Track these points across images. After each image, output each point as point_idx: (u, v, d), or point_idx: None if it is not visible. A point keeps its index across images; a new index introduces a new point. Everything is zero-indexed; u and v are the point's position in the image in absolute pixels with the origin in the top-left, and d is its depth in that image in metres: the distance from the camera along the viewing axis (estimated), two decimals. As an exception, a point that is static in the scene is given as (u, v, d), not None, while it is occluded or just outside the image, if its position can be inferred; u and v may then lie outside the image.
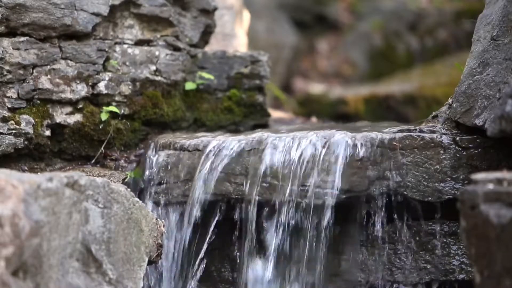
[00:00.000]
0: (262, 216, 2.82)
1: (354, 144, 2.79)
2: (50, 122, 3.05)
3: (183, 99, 3.33)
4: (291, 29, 7.11)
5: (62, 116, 3.08)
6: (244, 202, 2.83)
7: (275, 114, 4.03)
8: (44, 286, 2.17)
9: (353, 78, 7.16)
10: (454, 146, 2.80)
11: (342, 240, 2.85)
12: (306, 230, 2.77)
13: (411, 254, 2.81)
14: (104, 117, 3.11)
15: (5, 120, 2.95)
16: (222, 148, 2.89)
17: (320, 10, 7.65)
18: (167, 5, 3.27)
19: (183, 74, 3.31)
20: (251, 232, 2.82)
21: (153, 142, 3.08)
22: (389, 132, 2.85)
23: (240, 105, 3.38)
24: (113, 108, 3.13)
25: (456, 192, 2.74)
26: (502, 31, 2.81)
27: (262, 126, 3.40)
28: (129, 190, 2.50)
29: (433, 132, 2.84)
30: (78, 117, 3.10)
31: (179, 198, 2.92)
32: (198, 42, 3.38)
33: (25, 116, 2.99)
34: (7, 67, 2.97)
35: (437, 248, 2.80)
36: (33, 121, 2.99)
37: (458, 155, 2.79)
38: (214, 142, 2.92)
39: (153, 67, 3.23)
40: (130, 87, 3.18)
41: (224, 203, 2.87)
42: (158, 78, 3.24)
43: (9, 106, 2.98)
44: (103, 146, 3.14)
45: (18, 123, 2.97)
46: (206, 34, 3.43)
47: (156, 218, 2.58)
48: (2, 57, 2.95)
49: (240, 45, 4.43)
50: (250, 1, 5.95)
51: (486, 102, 2.76)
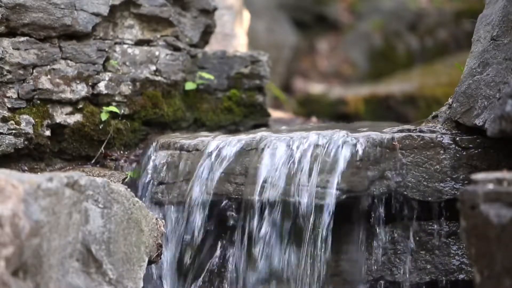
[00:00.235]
0: (262, 215, 2.82)
1: (354, 144, 2.79)
2: (50, 122, 3.05)
3: (183, 99, 3.33)
4: (291, 29, 7.11)
5: (62, 116, 3.08)
6: (244, 202, 2.83)
7: (275, 114, 4.03)
8: (44, 286, 2.16)
9: (353, 78, 7.15)
10: (454, 146, 2.80)
11: (342, 240, 2.85)
12: (306, 230, 2.77)
13: (411, 254, 2.81)
14: (104, 117, 3.11)
15: (5, 120, 2.95)
16: (222, 148, 2.89)
17: (320, 10, 7.64)
18: (167, 5, 3.27)
19: (183, 74, 3.31)
20: (251, 232, 2.82)
21: (153, 142, 3.08)
22: (389, 132, 2.85)
23: (240, 105, 3.38)
24: (113, 108, 3.13)
25: (456, 192, 2.74)
26: (502, 31, 2.81)
27: (262, 126, 3.40)
28: (129, 190, 2.50)
29: (433, 132, 2.84)
30: (78, 117, 3.10)
31: (179, 198, 2.91)
32: (198, 42, 3.38)
33: (25, 116, 2.99)
34: (7, 67, 2.97)
35: (437, 248, 2.80)
36: (33, 121, 2.99)
37: (458, 155, 2.79)
38: (214, 142, 2.92)
39: (153, 67, 3.23)
40: (130, 87, 3.18)
41: (224, 203, 2.87)
42: (158, 78, 3.24)
43: (9, 106, 2.98)
44: (103, 146, 3.14)
45: (18, 123, 2.96)
46: (206, 34, 3.43)
47: (156, 218, 2.57)
48: (2, 57, 2.95)
49: (240, 45, 4.43)
50: (250, 1, 5.95)
51: (486, 102, 2.76)
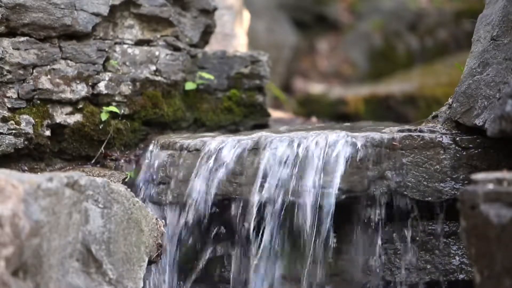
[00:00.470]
0: (262, 215, 2.82)
1: (354, 144, 2.79)
2: (50, 122, 3.05)
3: (183, 99, 3.33)
4: (291, 29, 7.11)
5: (62, 116, 3.08)
6: (243, 202, 2.83)
7: (275, 114, 4.03)
8: (44, 286, 2.16)
9: (353, 78, 7.15)
10: (454, 146, 2.80)
11: (342, 240, 2.85)
12: (306, 230, 2.77)
13: (411, 254, 2.81)
14: (104, 117, 3.11)
15: (5, 120, 2.95)
16: (222, 148, 2.89)
17: (320, 10, 7.64)
18: (167, 5, 3.27)
19: (183, 74, 3.31)
20: (251, 231, 2.82)
21: (153, 142, 3.08)
22: (389, 132, 2.85)
23: (240, 105, 3.38)
24: (113, 108, 3.13)
25: (456, 192, 2.74)
26: (502, 31, 2.81)
27: (262, 126, 3.40)
28: (129, 190, 2.50)
29: (433, 132, 2.84)
30: (78, 117, 3.10)
31: (179, 198, 2.91)
32: (198, 42, 3.38)
33: (25, 116, 2.99)
34: (7, 67, 2.97)
35: (437, 248, 2.80)
36: (33, 121, 2.99)
37: (458, 155, 2.79)
38: (214, 142, 2.92)
39: (153, 67, 3.23)
40: (130, 87, 3.18)
41: (224, 203, 2.87)
42: (158, 78, 3.24)
43: (9, 106, 2.98)
44: (103, 146, 3.14)
45: (18, 123, 2.96)
46: (206, 34, 3.43)
47: (156, 218, 2.58)
48: (2, 57, 2.95)
49: (240, 45, 4.43)
50: (250, 1, 5.95)
51: (486, 102, 2.76)
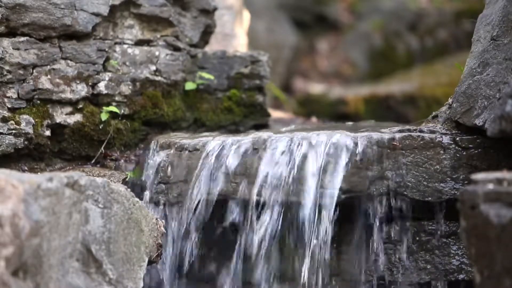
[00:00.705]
0: (262, 216, 2.82)
1: (355, 144, 2.79)
2: (50, 122, 3.05)
3: (183, 99, 3.33)
4: (291, 29, 7.11)
5: (62, 116, 3.08)
6: (244, 202, 2.83)
7: (275, 114, 4.03)
8: (44, 286, 2.16)
9: (353, 78, 7.15)
10: (454, 146, 2.80)
11: (342, 240, 2.85)
12: (306, 230, 2.77)
13: (411, 254, 2.81)
14: (104, 117, 3.11)
15: (5, 120, 2.95)
16: (222, 148, 2.89)
17: (320, 10, 7.64)
18: (167, 5, 3.27)
19: (183, 74, 3.31)
20: (251, 232, 2.82)
21: (153, 142, 3.08)
22: (389, 132, 2.85)
23: (240, 105, 3.38)
24: (113, 108, 3.13)
25: (456, 192, 2.74)
26: (502, 31, 2.81)
27: (262, 126, 3.40)
28: (129, 190, 2.50)
29: (433, 132, 2.84)
30: (78, 117, 3.10)
31: (179, 198, 2.91)
32: (198, 42, 3.38)
33: (25, 116, 2.99)
34: (7, 67, 2.97)
35: (437, 248, 2.80)
36: (33, 121, 2.99)
37: (458, 155, 2.79)
38: (214, 142, 2.92)
39: (153, 67, 3.23)
40: (130, 87, 3.18)
41: (224, 203, 2.87)
42: (158, 78, 3.24)
43: (9, 106, 2.98)
44: (103, 146, 3.14)
45: (18, 123, 2.96)
46: (206, 34, 3.43)
47: (156, 218, 2.58)
48: (2, 57, 2.95)
49: (240, 45, 4.43)
50: (250, 1, 5.95)
51: (486, 102, 2.76)
